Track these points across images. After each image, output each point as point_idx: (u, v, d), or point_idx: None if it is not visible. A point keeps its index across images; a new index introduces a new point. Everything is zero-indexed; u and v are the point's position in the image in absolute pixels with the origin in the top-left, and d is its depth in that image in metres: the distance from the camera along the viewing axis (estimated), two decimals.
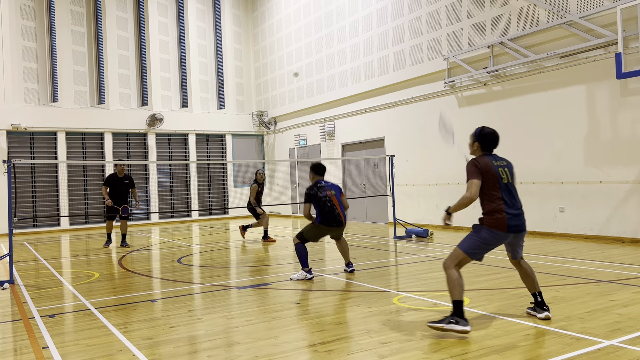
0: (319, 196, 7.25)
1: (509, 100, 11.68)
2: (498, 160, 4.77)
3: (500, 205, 4.57)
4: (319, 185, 7.34)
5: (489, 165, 4.66)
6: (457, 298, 4.42)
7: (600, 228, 9.98)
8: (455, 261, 4.58)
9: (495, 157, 4.79)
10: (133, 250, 11.41)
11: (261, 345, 4.34)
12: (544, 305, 4.77)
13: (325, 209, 7.21)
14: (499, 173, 4.66)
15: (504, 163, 4.79)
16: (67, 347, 4.45)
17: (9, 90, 17.20)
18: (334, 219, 7.22)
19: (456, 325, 4.31)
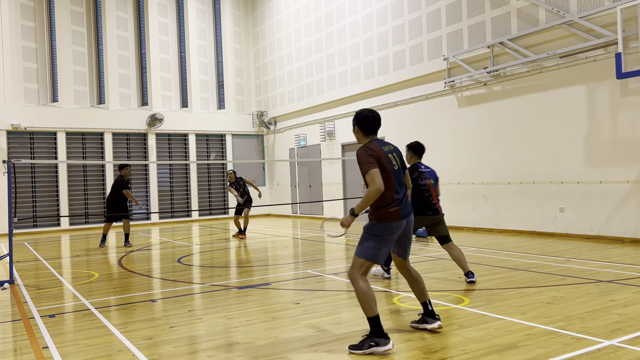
0: (420, 183, 6.59)
1: (509, 100, 11.68)
2: (386, 146, 4.37)
3: (392, 196, 4.22)
4: (420, 170, 6.65)
5: (380, 150, 4.24)
6: (370, 314, 4.04)
7: (600, 228, 9.98)
8: (359, 271, 4.16)
9: (383, 142, 4.37)
10: (133, 250, 11.41)
11: (261, 345, 4.34)
12: (434, 315, 4.51)
13: (422, 197, 6.57)
14: (390, 160, 4.29)
15: (391, 148, 4.41)
16: (67, 347, 4.45)
17: (9, 90, 17.20)
18: (430, 208, 6.57)
19: (377, 347, 3.97)
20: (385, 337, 4.00)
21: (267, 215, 21.46)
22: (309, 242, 11.79)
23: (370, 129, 4.38)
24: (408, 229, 4.39)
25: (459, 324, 4.68)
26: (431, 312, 4.51)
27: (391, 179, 4.23)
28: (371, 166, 4.10)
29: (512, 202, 11.63)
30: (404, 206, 4.30)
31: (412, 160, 6.77)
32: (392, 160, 4.31)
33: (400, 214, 4.23)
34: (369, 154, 4.16)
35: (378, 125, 4.42)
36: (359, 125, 4.40)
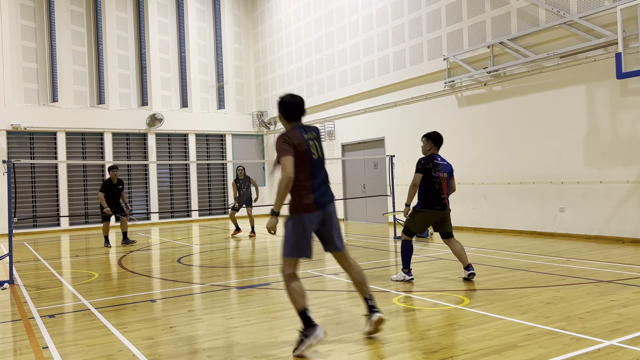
0: (432, 175, 6.45)
1: (509, 100, 11.68)
2: (308, 133, 4.22)
3: (308, 186, 4.11)
4: (435, 162, 6.51)
5: (300, 139, 4.11)
6: (299, 308, 4.03)
7: (600, 228, 9.98)
8: (288, 268, 4.13)
9: (305, 129, 4.23)
10: (133, 250, 11.41)
11: (261, 345, 4.34)
12: (375, 309, 4.36)
13: (432, 190, 6.43)
14: (310, 147, 4.15)
15: (314, 135, 4.25)
16: (67, 347, 4.45)
17: (9, 90, 17.20)
18: (438, 202, 6.45)
19: (307, 338, 3.93)
20: (312, 327, 3.96)
21: (267, 215, 21.46)
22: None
23: (292, 116, 4.27)
24: (328, 219, 4.27)
25: (459, 324, 4.68)
26: (371, 307, 4.38)
27: (307, 169, 4.12)
28: (285, 153, 4.01)
29: (512, 202, 11.63)
30: (320, 196, 4.17)
31: (430, 151, 6.65)
32: (312, 148, 4.18)
33: (314, 205, 4.12)
34: (285, 141, 4.06)
35: (301, 111, 4.28)
36: (281, 111, 4.29)
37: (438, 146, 6.71)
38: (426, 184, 6.47)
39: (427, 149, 6.69)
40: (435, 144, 6.67)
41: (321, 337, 4.01)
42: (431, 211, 6.49)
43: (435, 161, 6.53)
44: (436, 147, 6.69)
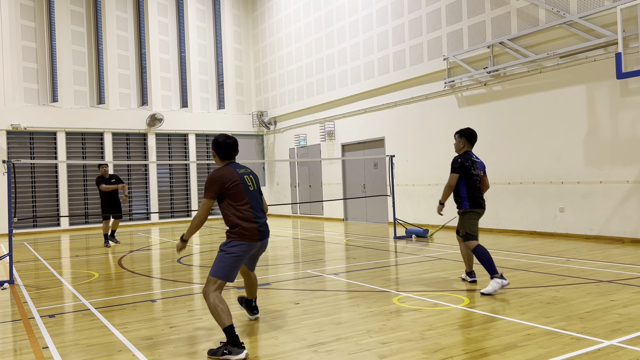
0: (472, 173, 6.15)
1: (509, 100, 11.68)
2: (242, 169, 4.57)
3: (249, 215, 4.41)
4: (473, 159, 6.22)
5: (234, 174, 4.43)
6: (224, 325, 4.13)
7: (600, 228, 9.98)
8: (212, 287, 4.26)
9: (238, 166, 4.58)
10: (133, 250, 11.41)
11: (261, 345, 4.34)
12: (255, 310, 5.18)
13: (475, 188, 6.16)
14: (246, 181, 4.48)
15: (247, 171, 4.61)
16: (67, 347, 4.45)
17: (9, 90, 17.20)
18: (482, 199, 6.23)
19: (230, 355, 4.02)
20: (239, 347, 4.06)
21: (267, 215, 21.43)
22: (309, 242, 11.79)
23: (225, 155, 4.58)
24: (260, 251, 4.68)
25: (459, 324, 4.68)
26: (254, 307, 5.18)
27: (246, 199, 4.43)
28: (208, 195, 4.36)
29: (512, 202, 11.63)
30: (262, 225, 4.50)
31: (464, 148, 6.34)
32: (248, 181, 4.52)
33: (257, 233, 4.42)
34: (212, 182, 4.36)
35: (234, 151, 4.61)
36: (215, 151, 4.59)
37: (472, 143, 6.37)
38: (468, 183, 6.16)
39: (460, 147, 6.37)
40: (468, 141, 6.34)
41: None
42: (481, 209, 6.23)
43: (472, 158, 6.24)
44: (470, 144, 6.36)
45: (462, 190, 6.19)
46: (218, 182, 4.36)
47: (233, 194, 4.39)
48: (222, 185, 4.36)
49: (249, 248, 4.41)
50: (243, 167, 4.63)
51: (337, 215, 17.48)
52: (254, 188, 4.56)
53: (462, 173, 6.15)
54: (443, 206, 6.42)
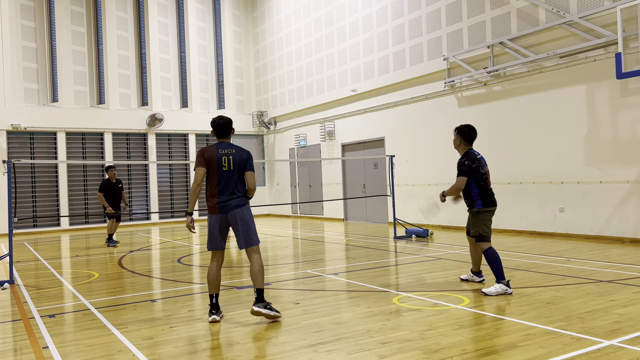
0: (481, 172, 6.01)
1: (509, 100, 11.68)
2: (226, 149, 5.15)
3: (214, 192, 5.08)
4: (477, 158, 6.06)
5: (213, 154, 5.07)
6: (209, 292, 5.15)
7: (600, 228, 9.98)
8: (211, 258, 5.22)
9: (226, 145, 5.16)
10: (133, 250, 11.41)
11: (261, 345, 4.34)
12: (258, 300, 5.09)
13: (485, 187, 6.02)
14: (221, 161, 5.07)
15: (231, 151, 5.13)
16: (67, 347, 4.45)
17: (9, 90, 17.20)
18: (494, 196, 6.11)
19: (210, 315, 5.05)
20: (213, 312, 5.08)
21: (267, 215, 21.47)
22: (309, 242, 11.79)
23: (218, 134, 5.25)
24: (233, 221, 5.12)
25: (459, 324, 4.68)
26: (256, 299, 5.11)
27: (215, 178, 5.07)
28: (196, 165, 5.10)
29: (512, 202, 11.63)
30: (224, 203, 5.07)
31: (461, 146, 6.19)
32: (224, 162, 5.08)
33: (217, 208, 5.09)
34: (200, 154, 5.10)
35: (223, 131, 5.23)
36: (212, 129, 5.28)
37: (470, 141, 6.19)
38: (478, 183, 6.01)
39: (457, 144, 6.23)
40: (465, 140, 6.17)
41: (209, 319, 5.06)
42: (494, 207, 6.08)
43: (477, 157, 6.08)
44: (468, 142, 6.18)
45: (474, 191, 6.03)
46: (200, 155, 5.10)
47: (210, 172, 5.10)
48: (203, 158, 5.07)
49: (212, 220, 5.13)
50: (230, 147, 5.16)
51: (337, 215, 17.48)
52: (227, 168, 5.08)
53: (471, 174, 5.99)
54: (445, 199, 6.28)
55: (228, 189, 5.08)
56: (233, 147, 5.17)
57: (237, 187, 5.12)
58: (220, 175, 5.07)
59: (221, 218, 5.11)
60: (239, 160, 5.12)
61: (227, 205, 5.07)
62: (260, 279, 5.09)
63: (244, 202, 5.16)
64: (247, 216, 5.15)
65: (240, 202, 5.12)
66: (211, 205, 5.10)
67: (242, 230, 5.12)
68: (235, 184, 5.11)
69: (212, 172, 5.09)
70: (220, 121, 5.22)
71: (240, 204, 5.12)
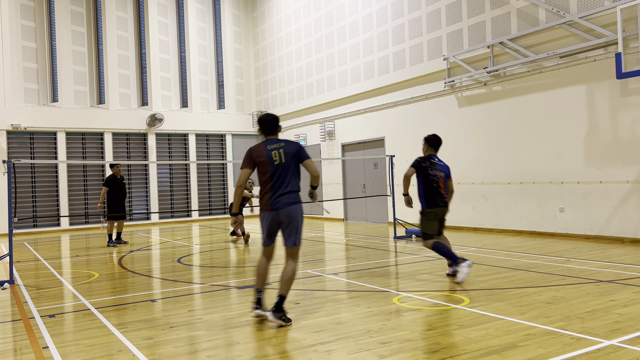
0: (429, 173, 6.66)
1: (509, 100, 11.68)
2: (275, 144, 4.98)
3: (266, 188, 4.90)
4: (432, 161, 6.75)
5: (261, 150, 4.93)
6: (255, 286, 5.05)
7: (600, 228, 9.98)
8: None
9: (274, 141, 5.01)
10: (133, 250, 11.41)
11: (261, 345, 4.34)
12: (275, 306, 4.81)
13: (431, 187, 6.65)
14: (271, 156, 4.90)
15: (280, 145, 4.95)
16: (67, 347, 4.45)
17: (9, 90, 17.20)
18: (440, 198, 6.65)
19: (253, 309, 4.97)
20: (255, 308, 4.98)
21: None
22: (309, 242, 11.79)
23: (264, 131, 5.10)
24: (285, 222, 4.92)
25: (459, 324, 4.68)
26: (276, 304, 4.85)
27: (268, 173, 4.88)
28: (243, 166, 4.98)
29: (512, 202, 11.63)
30: (276, 199, 4.88)
31: (427, 152, 6.90)
32: (274, 156, 4.90)
33: (268, 204, 4.89)
34: (247, 155, 4.97)
35: (270, 127, 5.07)
36: (259, 127, 5.16)
37: (435, 148, 6.91)
38: (425, 182, 6.66)
39: (424, 151, 6.95)
40: (431, 146, 6.89)
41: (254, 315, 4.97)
42: (437, 208, 6.65)
43: (432, 160, 6.75)
44: (433, 148, 6.90)
45: (420, 190, 6.71)
46: (248, 154, 4.96)
47: (260, 169, 4.92)
48: (252, 158, 4.93)
49: (262, 217, 4.97)
50: (278, 141, 4.98)
51: (337, 215, 17.48)
52: (279, 162, 4.88)
53: (419, 171, 6.67)
54: (408, 196, 6.89)
55: (282, 184, 4.88)
56: (282, 141, 4.99)
57: (292, 182, 4.93)
58: (273, 170, 4.87)
59: (273, 215, 4.90)
60: (291, 152, 4.92)
61: (280, 202, 4.86)
62: (288, 286, 4.89)
63: (297, 199, 4.96)
64: (300, 215, 4.96)
65: (294, 199, 4.92)
66: (264, 202, 4.92)
67: (293, 229, 4.93)
68: (290, 179, 4.91)
69: (264, 168, 4.90)
70: (267, 117, 5.06)
71: (294, 201, 4.91)
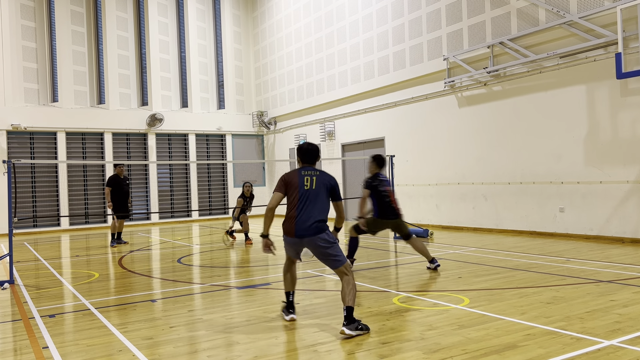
0: (379, 189, 7.39)
1: (509, 100, 11.68)
2: (308, 171, 4.96)
3: (291, 213, 4.82)
4: (380, 179, 7.50)
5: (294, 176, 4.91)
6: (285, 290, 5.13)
7: (600, 228, 9.98)
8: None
9: (307, 169, 4.98)
10: (133, 250, 11.41)
11: (261, 345, 4.34)
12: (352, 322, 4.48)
13: (383, 203, 7.40)
14: (302, 181, 4.88)
15: (313, 173, 4.95)
16: (67, 347, 4.45)
17: (9, 90, 17.20)
18: (392, 212, 7.44)
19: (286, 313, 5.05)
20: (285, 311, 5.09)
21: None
22: None
23: (302, 159, 5.04)
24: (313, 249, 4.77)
25: (459, 324, 4.68)
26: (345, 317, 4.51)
27: (295, 198, 4.82)
28: (275, 189, 4.93)
29: (512, 202, 11.63)
30: (301, 225, 4.75)
31: (373, 170, 7.61)
32: (306, 181, 4.88)
33: (292, 231, 4.77)
34: (281, 179, 4.95)
35: (308, 157, 5.01)
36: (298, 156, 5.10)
37: (381, 166, 7.66)
38: (377, 198, 7.39)
39: (372, 169, 7.65)
40: (378, 165, 7.63)
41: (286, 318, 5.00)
42: (386, 220, 7.46)
43: (380, 178, 7.50)
44: (379, 167, 7.63)
45: (374, 204, 7.46)
46: (282, 180, 4.95)
47: (289, 193, 4.88)
48: (284, 184, 4.91)
49: (287, 242, 4.89)
50: (313, 170, 4.97)
51: None
52: (309, 187, 4.84)
53: (371, 190, 7.39)
54: (363, 220, 7.46)
55: (307, 211, 4.75)
56: (317, 171, 4.95)
57: (318, 211, 4.79)
58: (301, 194, 4.79)
59: (296, 242, 4.77)
60: (324, 183, 4.87)
61: (304, 228, 4.71)
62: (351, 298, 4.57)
63: (323, 228, 4.75)
64: (325, 244, 4.72)
65: (318, 229, 4.72)
66: (287, 227, 4.80)
67: (323, 257, 4.77)
68: (317, 208, 4.78)
69: (292, 192, 4.83)
70: (309, 147, 5.00)
71: (318, 231, 4.72)
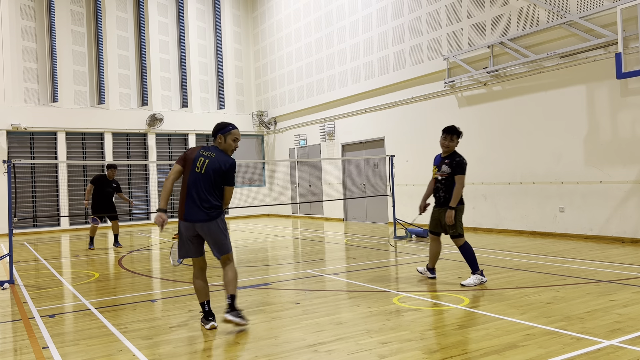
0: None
1: (509, 100, 11.68)
2: (208, 151, 4.77)
3: (183, 195, 4.72)
4: None
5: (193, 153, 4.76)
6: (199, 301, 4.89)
7: (600, 228, 9.98)
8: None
9: (209, 148, 4.80)
10: (133, 250, 11.41)
11: (261, 345, 4.34)
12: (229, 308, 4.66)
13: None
14: (195, 162, 4.71)
15: (211, 155, 4.74)
16: (67, 347, 4.45)
17: (9, 90, 17.20)
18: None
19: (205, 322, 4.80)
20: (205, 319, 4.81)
21: (267, 215, 21.47)
22: (309, 242, 11.79)
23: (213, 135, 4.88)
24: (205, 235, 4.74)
25: (459, 324, 4.68)
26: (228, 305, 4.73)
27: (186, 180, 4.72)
28: (176, 161, 4.81)
29: (512, 202, 11.63)
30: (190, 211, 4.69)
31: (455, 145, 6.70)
32: (199, 162, 4.71)
33: (182, 214, 4.73)
34: (184, 153, 4.83)
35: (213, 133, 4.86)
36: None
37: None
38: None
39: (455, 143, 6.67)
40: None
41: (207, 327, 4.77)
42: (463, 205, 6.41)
43: None
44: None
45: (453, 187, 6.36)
46: (183, 154, 4.84)
47: (184, 171, 4.76)
48: (184, 158, 4.78)
49: (183, 227, 4.80)
50: (214, 150, 4.77)
51: (337, 215, 17.48)
52: (199, 170, 4.69)
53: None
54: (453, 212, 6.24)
55: (197, 196, 4.67)
56: (214, 152, 4.75)
57: (208, 195, 4.68)
58: (191, 177, 4.68)
59: (188, 225, 4.75)
60: (217, 168, 4.68)
61: (193, 215, 4.67)
62: (233, 287, 4.77)
63: (213, 214, 4.69)
64: (216, 229, 4.73)
65: (208, 216, 4.67)
66: (179, 210, 4.75)
67: (212, 243, 4.80)
68: (206, 192, 4.67)
69: (186, 172, 4.72)
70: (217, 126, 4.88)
71: (208, 218, 4.67)
